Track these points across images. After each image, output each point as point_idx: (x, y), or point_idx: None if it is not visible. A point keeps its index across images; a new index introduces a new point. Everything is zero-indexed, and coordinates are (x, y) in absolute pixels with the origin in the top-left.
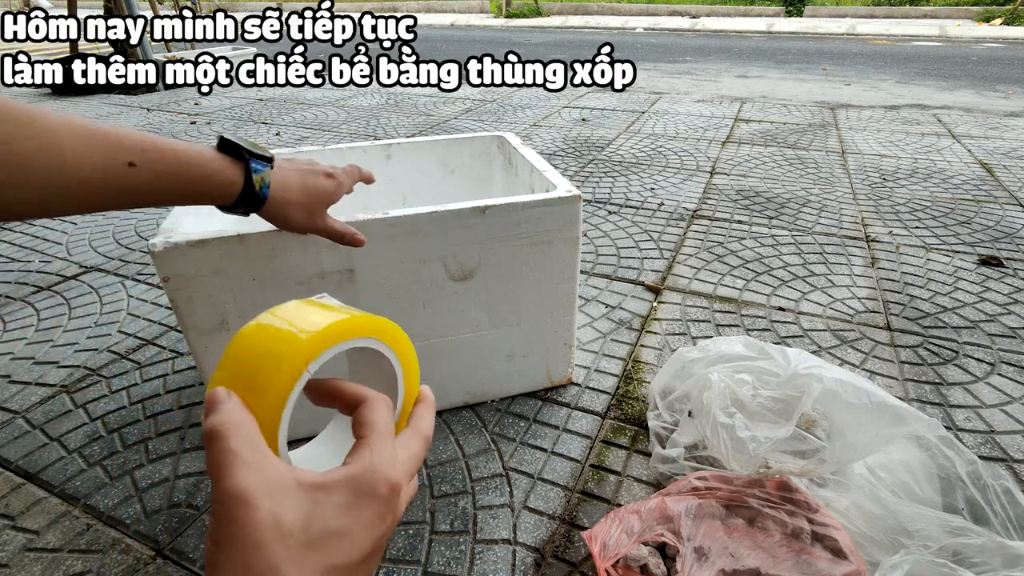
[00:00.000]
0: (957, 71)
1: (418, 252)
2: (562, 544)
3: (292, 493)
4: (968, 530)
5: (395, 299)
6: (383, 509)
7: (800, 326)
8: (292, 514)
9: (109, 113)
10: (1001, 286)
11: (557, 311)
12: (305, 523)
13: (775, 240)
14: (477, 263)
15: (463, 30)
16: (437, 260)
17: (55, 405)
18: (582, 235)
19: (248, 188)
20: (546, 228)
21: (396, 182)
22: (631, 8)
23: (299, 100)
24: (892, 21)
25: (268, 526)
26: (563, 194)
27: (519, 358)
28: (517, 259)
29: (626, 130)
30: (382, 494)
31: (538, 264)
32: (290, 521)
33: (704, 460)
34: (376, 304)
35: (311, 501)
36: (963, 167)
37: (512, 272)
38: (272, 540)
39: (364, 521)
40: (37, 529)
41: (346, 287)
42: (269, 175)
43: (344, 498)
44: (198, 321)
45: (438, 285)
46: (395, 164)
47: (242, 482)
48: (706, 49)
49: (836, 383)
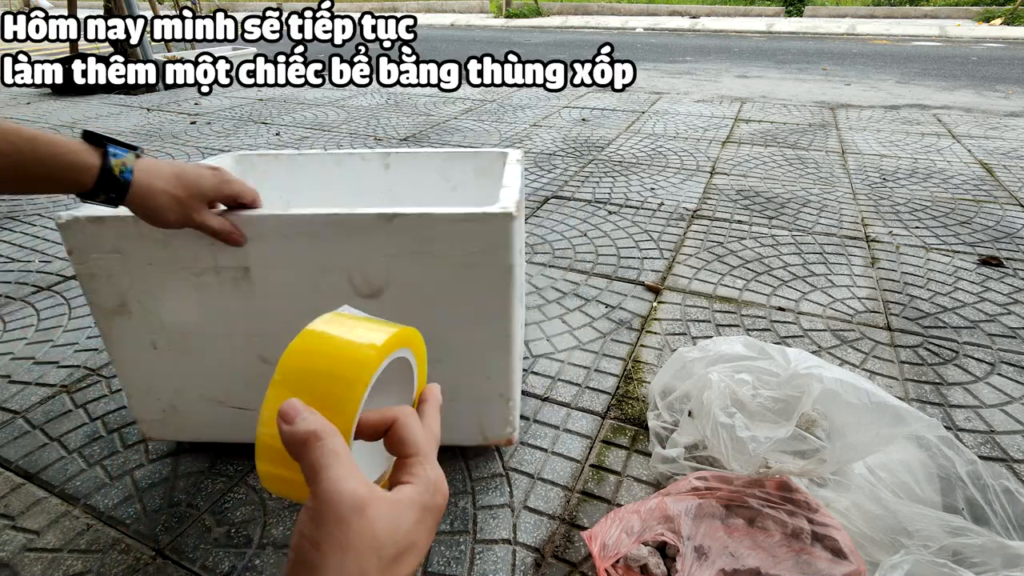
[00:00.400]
0: (957, 71)
1: (318, 258)
2: (562, 544)
3: (386, 506)
4: (968, 530)
5: (293, 308)
6: (439, 518)
7: (800, 326)
8: (384, 527)
9: (109, 113)
10: (1001, 286)
11: (488, 353)
12: (392, 537)
13: (775, 240)
14: (385, 280)
15: (463, 30)
16: (340, 270)
17: (55, 405)
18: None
19: (106, 172)
20: (468, 249)
21: (396, 194)
22: (631, 8)
23: (299, 100)
24: (892, 21)
25: (370, 536)
26: (491, 210)
27: None
28: (433, 281)
29: (626, 130)
30: (441, 506)
31: (460, 291)
32: (383, 534)
33: (704, 460)
34: (273, 312)
35: (395, 515)
36: (963, 167)
37: (428, 296)
38: (370, 550)
39: (426, 532)
40: (37, 529)
41: (242, 286)
42: (132, 161)
43: (417, 514)
44: (100, 300)
45: (343, 299)
46: (394, 174)
47: (356, 487)
48: (706, 49)
49: (836, 383)
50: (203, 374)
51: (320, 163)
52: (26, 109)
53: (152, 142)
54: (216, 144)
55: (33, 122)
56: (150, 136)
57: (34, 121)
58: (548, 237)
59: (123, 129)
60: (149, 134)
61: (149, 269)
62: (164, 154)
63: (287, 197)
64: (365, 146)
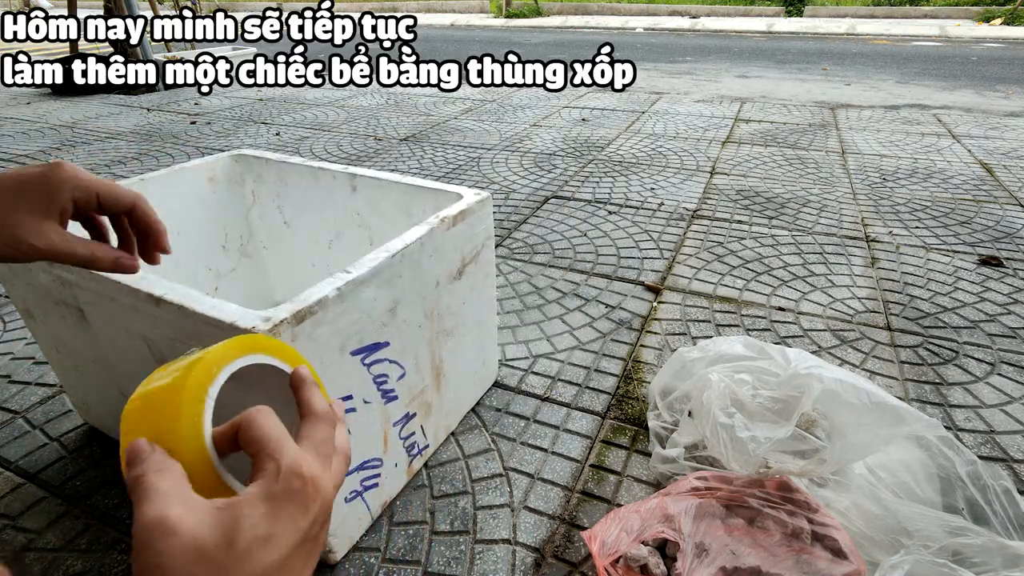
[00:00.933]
0: (957, 71)
1: (125, 323)
2: (562, 544)
3: (211, 515)
4: (968, 530)
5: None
6: (304, 503)
7: (800, 326)
8: (213, 536)
9: (109, 113)
10: (1001, 286)
11: None
12: (228, 540)
13: (775, 240)
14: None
15: (463, 30)
16: (140, 338)
17: (55, 405)
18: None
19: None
20: None
21: (364, 218)
22: (631, 8)
23: (299, 100)
24: (892, 21)
25: (189, 550)
26: (229, 317)
27: None
28: None
29: (626, 130)
30: (296, 489)
31: None
32: (212, 543)
33: (704, 460)
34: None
35: (232, 517)
36: (963, 167)
37: None
38: (193, 563)
39: (286, 521)
40: (37, 529)
41: (82, 323)
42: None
43: (263, 508)
44: (15, 299)
45: (150, 369)
46: (361, 198)
47: (161, 511)
48: (706, 49)
49: (836, 383)
50: (90, 385)
51: (299, 175)
52: (26, 109)
53: (152, 142)
54: (216, 144)
55: (33, 122)
56: (150, 136)
57: (34, 121)
58: (548, 237)
59: (123, 129)
60: (149, 134)
61: (28, 289)
62: (164, 154)
63: (279, 203)
64: (365, 145)
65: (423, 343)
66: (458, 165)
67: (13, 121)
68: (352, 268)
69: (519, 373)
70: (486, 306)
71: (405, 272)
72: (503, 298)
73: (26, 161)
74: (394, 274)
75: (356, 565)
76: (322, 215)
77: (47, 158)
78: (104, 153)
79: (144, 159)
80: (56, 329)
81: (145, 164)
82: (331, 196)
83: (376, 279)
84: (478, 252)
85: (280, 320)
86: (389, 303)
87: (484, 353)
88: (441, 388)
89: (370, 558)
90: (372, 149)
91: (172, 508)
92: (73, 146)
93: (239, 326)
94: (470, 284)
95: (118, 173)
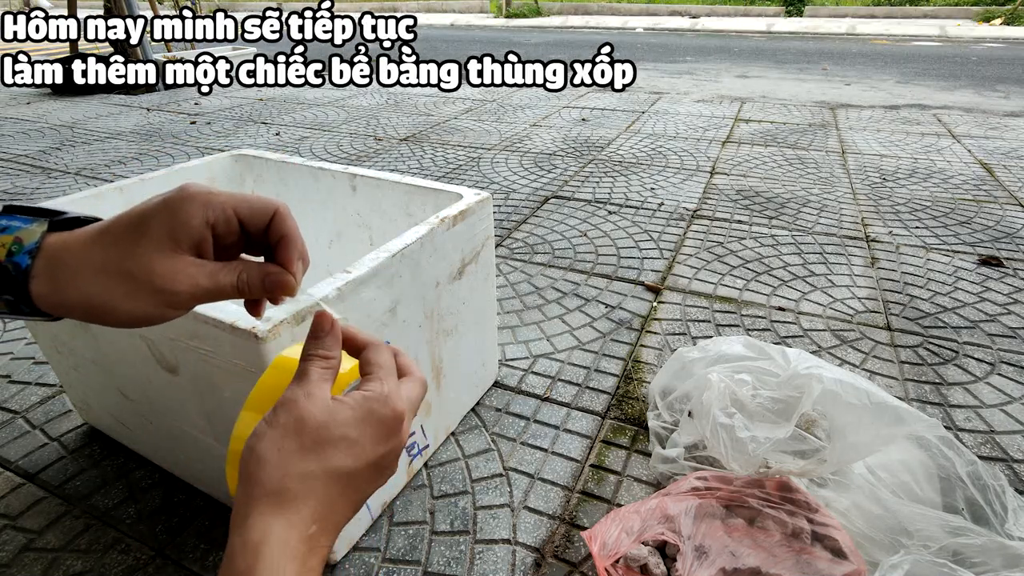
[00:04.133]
0: (957, 71)
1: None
2: (562, 544)
3: (322, 403)
4: (968, 530)
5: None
6: (388, 431)
7: (800, 326)
8: (315, 419)
9: (109, 113)
10: (1001, 286)
11: None
12: (322, 427)
13: (775, 240)
14: (176, 361)
15: (463, 30)
16: (139, 337)
17: (55, 405)
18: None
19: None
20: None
21: (364, 218)
22: (631, 8)
23: (299, 100)
24: (892, 21)
25: (295, 422)
26: (234, 323)
27: None
28: (211, 376)
29: (626, 130)
30: (388, 415)
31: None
32: (312, 424)
33: (704, 460)
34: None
35: (328, 410)
36: (963, 167)
37: (212, 388)
38: (293, 433)
39: (370, 436)
40: (37, 529)
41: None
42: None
43: (358, 414)
44: None
45: (150, 370)
46: (361, 198)
47: (299, 393)
48: (706, 49)
49: (836, 383)
50: (90, 385)
51: (299, 175)
52: (26, 109)
53: (152, 142)
54: (216, 144)
55: (33, 122)
56: (150, 136)
57: (34, 121)
58: (548, 237)
59: (123, 129)
60: (149, 134)
61: None
62: (164, 154)
63: None
64: (365, 145)
65: (423, 343)
66: (458, 165)
67: (13, 121)
68: (352, 268)
69: (519, 373)
70: (486, 306)
71: (405, 272)
72: (503, 298)
73: (26, 161)
74: (394, 274)
75: (356, 565)
76: (322, 215)
77: (47, 158)
78: (104, 153)
79: (144, 159)
80: (56, 329)
81: (145, 164)
82: (331, 196)
83: (376, 279)
84: (478, 252)
85: (280, 320)
86: (389, 303)
87: (484, 353)
88: (441, 388)
89: (370, 558)
90: (372, 149)
91: (304, 392)
92: (73, 146)
93: (239, 327)
94: (470, 284)
95: (118, 173)
